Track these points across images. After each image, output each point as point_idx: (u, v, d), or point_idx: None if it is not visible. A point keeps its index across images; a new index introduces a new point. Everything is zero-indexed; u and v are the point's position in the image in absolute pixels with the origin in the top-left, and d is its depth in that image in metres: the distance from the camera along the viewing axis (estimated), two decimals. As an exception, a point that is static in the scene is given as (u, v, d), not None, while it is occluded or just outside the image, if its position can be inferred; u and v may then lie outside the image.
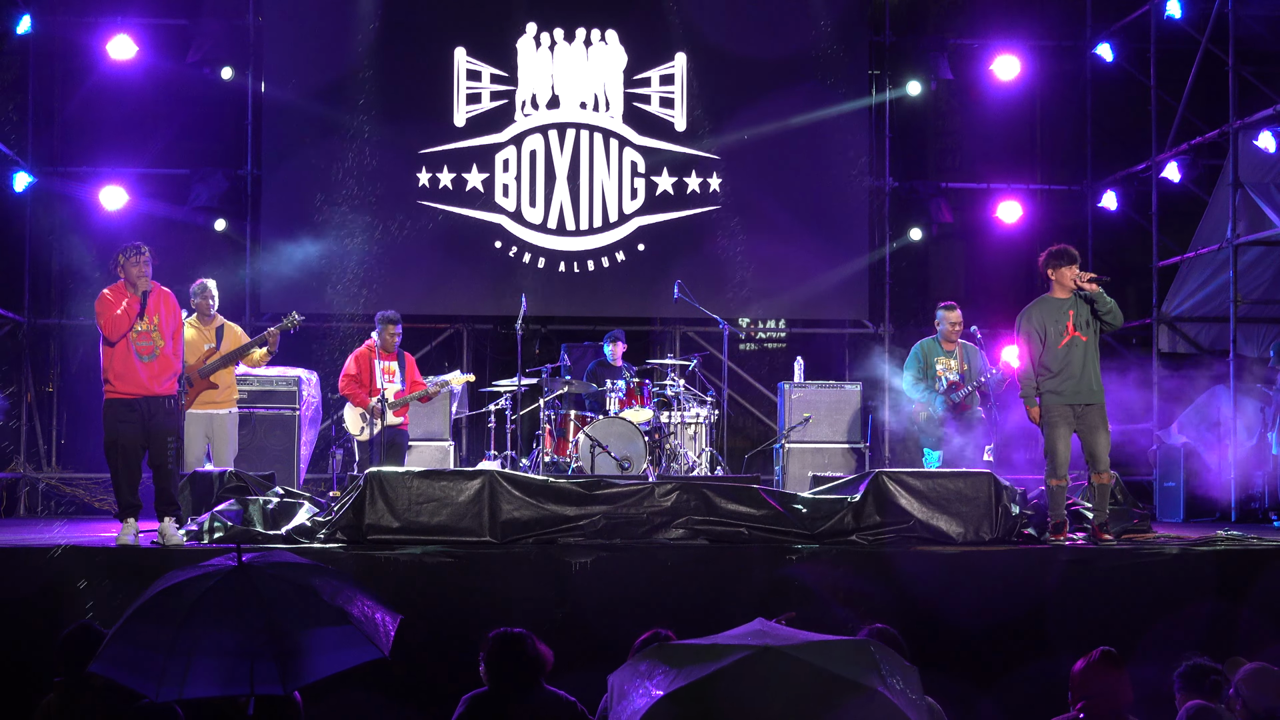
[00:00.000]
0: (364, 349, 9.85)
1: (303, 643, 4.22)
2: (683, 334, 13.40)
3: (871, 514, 7.89)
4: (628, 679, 3.49)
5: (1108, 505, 8.25)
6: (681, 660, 3.40)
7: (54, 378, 12.74)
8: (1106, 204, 13.44)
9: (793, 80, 13.13)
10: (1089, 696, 4.80)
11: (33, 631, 6.54)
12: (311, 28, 12.99)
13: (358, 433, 9.74)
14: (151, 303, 7.71)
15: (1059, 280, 8.22)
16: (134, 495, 7.65)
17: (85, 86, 12.89)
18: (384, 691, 5.38)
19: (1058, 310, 8.20)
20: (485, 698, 4.79)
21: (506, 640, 4.83)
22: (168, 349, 7.69)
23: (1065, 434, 8.14)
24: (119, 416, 7.60)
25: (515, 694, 4.75)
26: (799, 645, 3.44)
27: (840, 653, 3.44)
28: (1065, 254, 8.24)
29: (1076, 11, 13.83)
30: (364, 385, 9.68)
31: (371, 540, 7.51)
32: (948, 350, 9.68)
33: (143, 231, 12.58)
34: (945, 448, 9.53)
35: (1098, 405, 8.17)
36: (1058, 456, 8.12)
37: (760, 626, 3.62)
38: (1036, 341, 8.22)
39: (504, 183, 13.04)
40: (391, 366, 9.78)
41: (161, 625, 4.20)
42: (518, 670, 4.76)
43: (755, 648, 3.39)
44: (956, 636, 7.08)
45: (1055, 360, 8.14)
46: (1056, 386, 8.13)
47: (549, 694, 4.83)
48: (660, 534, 7.69)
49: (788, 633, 3.58)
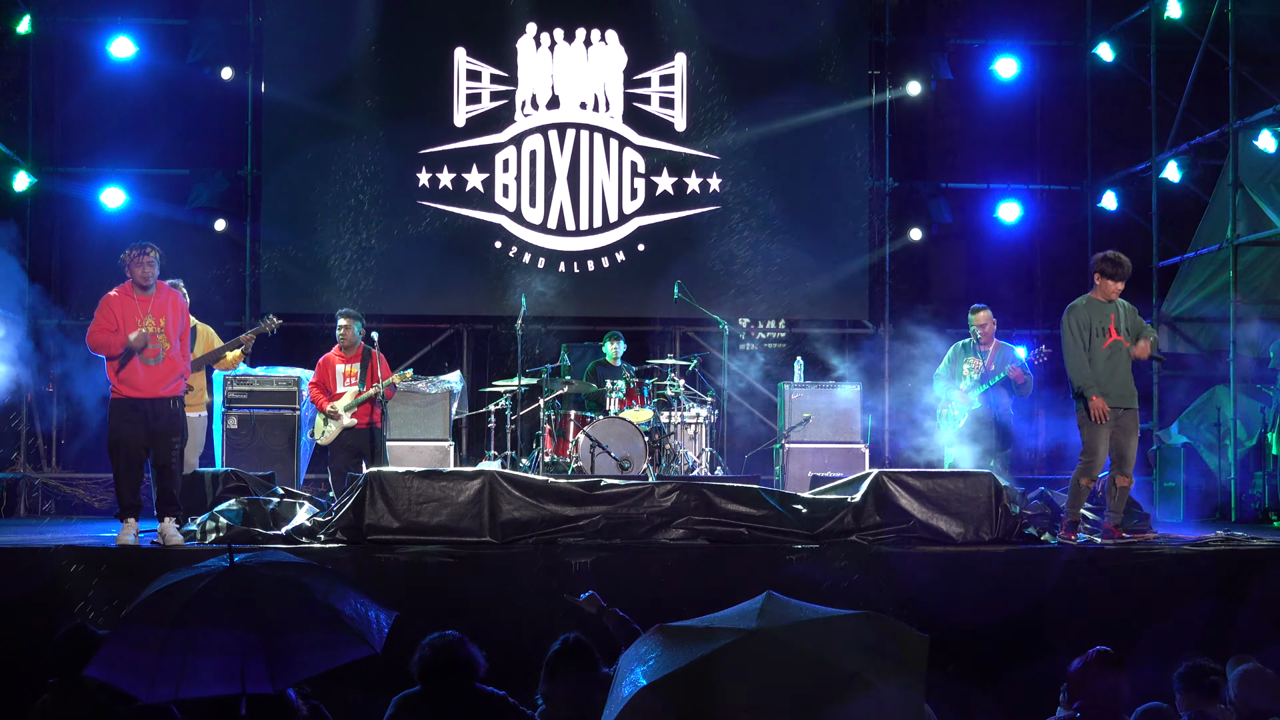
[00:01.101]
0: (331, 352, 9.79)
1: (293, 641, 4.22)
2: (683, 334, 13.40)
3: (871, 514, 7.89)
4: (626, 660, 3.41)
5: (1123, 506, 8.28)
6: (674, 644, 3.30)
7: (54, 378, 12.73)
8: (1106, 204, 13.44)
9: (793, 80, 13.12)
10: (1086, 696, 4.80)
11: (31, 631, 6.54)
12: (311, 28, 12.98)
13: (319, 437, 9.70)
14: (158, 304, 7.69)
15: (1103, 288, 8.20)
16: (135, 496, 7.65)
17: (85, 86, 12.88)
18: (383, 691, 5.36)
19: (1102, 313, 8.21)
20: (415, 697, 4.77)
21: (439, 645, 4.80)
22: (174, 351, 7.67)
23: (1107, 434, 8.14)
24: (123, 416, 7.60)
25: (446, 694, 4.73)
26: (793, 626, 3.30)
27: (839, 633, 3.31)
28: (1117, 265, 8.21)
29: (1076, 11, 13.83)
30: (325, 390, 9.63)
31: (371, 540, 7.52)
32: (981, 350, 9.66)
33: (143, 231, 12.55)
34: (963, 448, 9.46)
35: (1134, 410, 8.23)
36: (1097, 456, 8.14)
37: (763, 603, 3.43)
38: (1082, 338, 8.21)
39: (504, 183, 13.04)
40: (353, 369, 9.61)
41: (155, 626, 4.20)
42: (449, 672, 4.74)
43: (745, 631, 3.26)
44: (956, 636, 7.07)
45: (1098, 360, 8.15)
46: (1104, 387, 8.13)
47: (480, 692, 4.81)
48: (660, 534, 7.69)
49: (789, 611, 3.41)
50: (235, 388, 10.26)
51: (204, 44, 12.54)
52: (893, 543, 7.76)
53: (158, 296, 7.72)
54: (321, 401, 9.57)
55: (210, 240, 12.85)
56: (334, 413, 9.41)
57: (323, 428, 9.59)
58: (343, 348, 9.69)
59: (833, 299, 13.33)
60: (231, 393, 10.24)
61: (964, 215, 13.84)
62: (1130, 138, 13.54)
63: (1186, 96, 12.27)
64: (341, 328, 9.66)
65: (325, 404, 9.53)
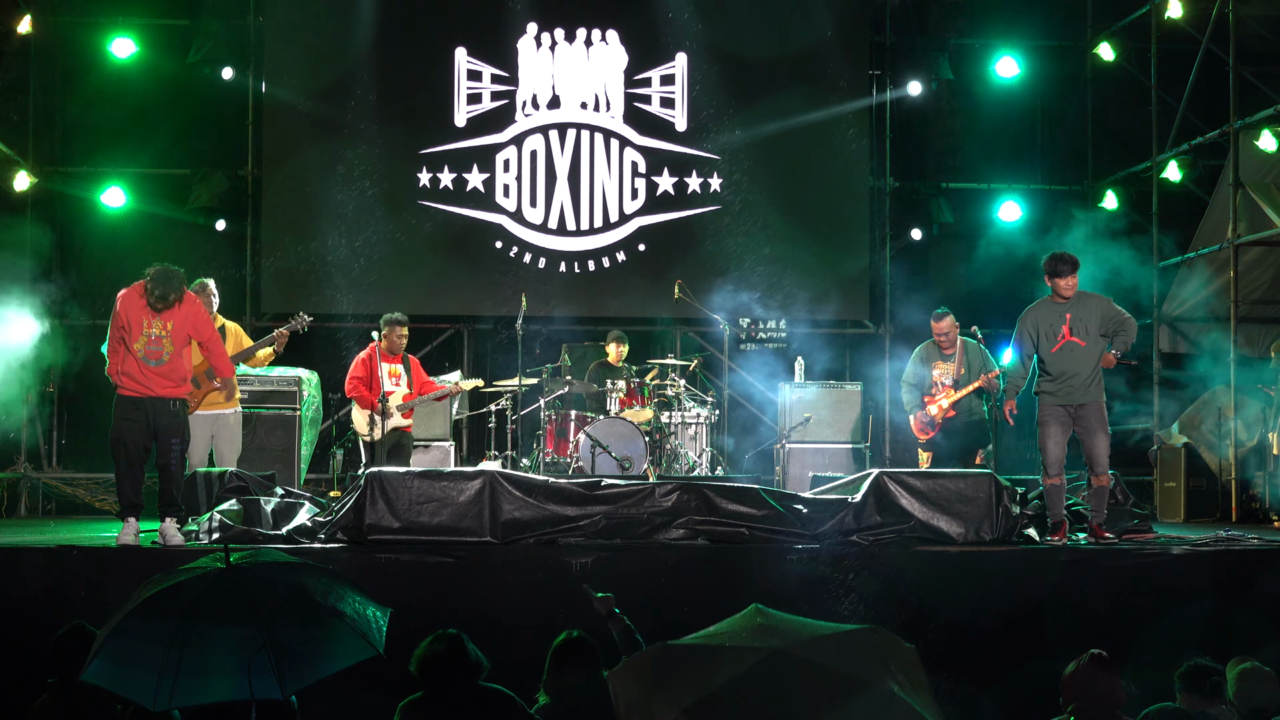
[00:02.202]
0: (368, 351, 9.80)
1: (299, 646, 4.20)
2: (683, 334, 13.40)
3: (872, 514, 7.88)
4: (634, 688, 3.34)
5: (1106, 505, 8.25)
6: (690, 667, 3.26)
7: (54, 378, 12.73)
8: (1107, 204, 13.44)
9: (793, 80, 13.13)
10: (1080, 699, 4.79)
11: (31, 631, 6.53)
12: (311, 27, 13.00)
13: (366, 433, 9.71)
14: (167, 311, 7.65)
15: (1054, 286, 8.20)
16: (137, 495, 7.64)
17: (86, 86, 12.90)
18: (383, 691, 5.37)
19: (1054, 314, 8.19)
20: (420, 702, 4.71)
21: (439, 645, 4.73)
22: (176, 356, 7.65)
23: (1056, 434, 8.15)
24: (125, 414, 7.59)
25: (451, 694, 4.68)
26: (807, 643, 3.29)
27: (849, 648, 3.30)
28: (1060, 261, 8.18)
29: (1077, 11, 13.84)
30: (370, 387, 9.65)
31: (372, 540, 7.51)
32: (947, 354, 9.65)
33: (143, 231, 12.62)
34: (935, 449, 9.54)
35: (1092, 405, 8.11)
36: (1048, 455, 8.15)
37: (761, 619, 3.44)
38: (1029, 343, 8.25)
39: (504, 183, 13.04)
40: (396, 369, 9.72)
41: (153, 636, 4.15)
42: (453, 672, 4.69)
43: (764, 651, 3.23)
44: (956, 637, 7.08)
45: (1049, 362, 8.17)
46: (1049, 387, 8.16)
47: (485, 690, 4.77)
48: (660, 534, 7.69)
49: (791, 626, 3.42)
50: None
51: (204, 44, 12.54)
52: (893, 543, 7.75)
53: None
54: (370, 400, 9.56)
55: (210, 240, 12.86)
56: (389, 411, 9.43)
57: (367, 425, 9.60)
58: (390, 350, 9.74)
59: (833, 299, 13.33)
60: (232, 392, 10.23)
61: (964, 215, 13.84)
62: (1130, 138, 13.55)
63: (1187, 96, 12.28)
64: (400, 334, 9.74)
65: (375, 403, 9.48)
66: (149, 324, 7.57)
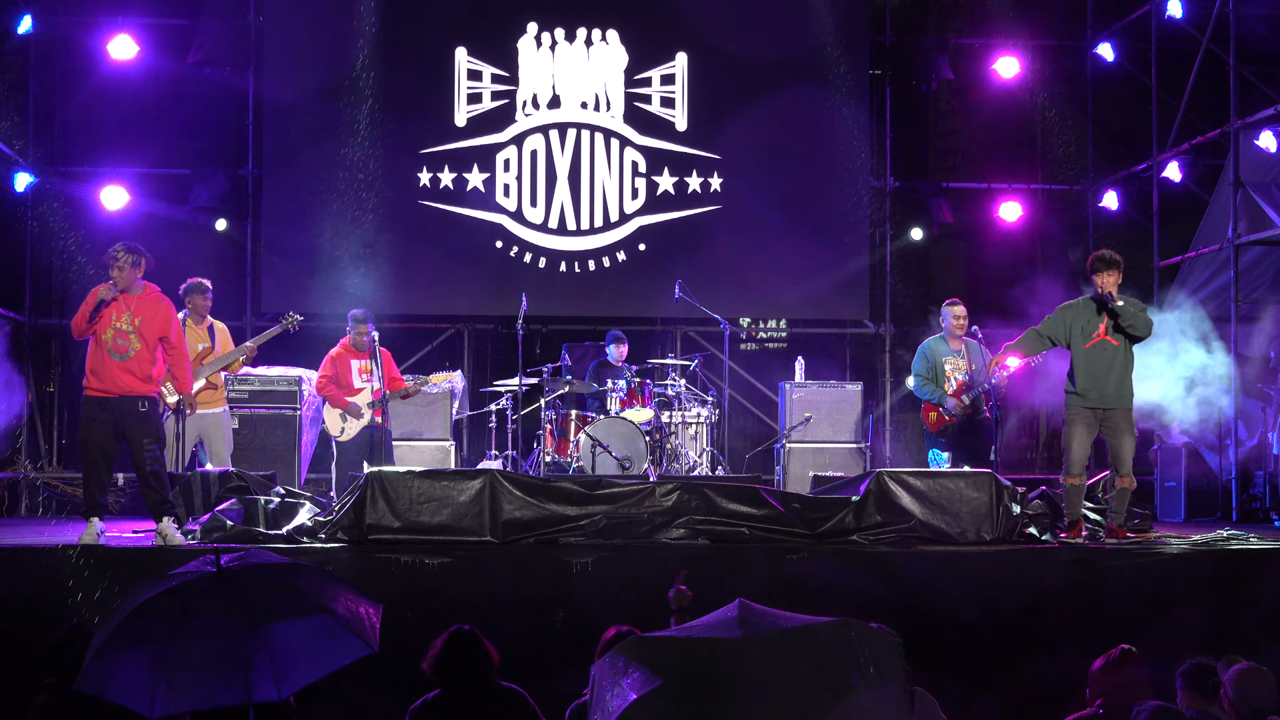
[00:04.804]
0: (338, 349, 9.82)
1: (293, 646, 4.20)
2: (683, 334, 13.40)
3: (872, 514, 7.88)
4: (606, 675, 3.38)
5: (1125, 507, 8.27)
6: (658, 656, 3.28)
7: (54, 378, 12.74)
8: (1107, 204, 13.43)
9: (793, 80, 13.12)
10: (1109, 694, 4.80)
11: (31, 631, 6.53)
12: (311, 27, 12.99)
13: (338, 433, 9.72)
14: (139, 304, 7.64)
15: (1102, 284, 8.19)
16: (101, 495, 7.63)
17: (86, 86, 12.88)
18: (382, 691, 5.38)
19: (1093, 312, 8.21)
20: (434, 703, 4.67)
21: (456, 643, 4.69)
22: (144, 352, 7.62)
23: (1082, 434, 8.16)
24: (91, 415, 7.58)
25: (468, 694, 4.66)
26: (778, 634, 3.31)
27: (815, 639, 3.32)
28: (1101, 260, 8.20)
29: (1077, 11, 13.83)
30: (341, 385, 9.66)
31: (372, 540, 7.52)
32: (955, 350, 9.64)
33: (143, 232, 12.57)
34: (954, 450, 9.49)
35: (1121, 409, 8.19)
36: (1072, 455, 8.17)
37: (739, 612, 3.46)
38: (1059, 333, 8.27)
39: (505, 182, 13.04)
40: (367, 365, 9.68)
41: (148, 641, 4.14)
42: (469, 669, 4.66)
43: (731, 641, 3.26)
44: (957, 636, 7.08)
45: (1079, 361, 8.16)
46: (1078, 388, 8.15)
47: (499, 688, 4.75)
48: (661, 534, 7.69)
49: (767, 618, 3.44)
50: (236, 387, 10.26)
51: (204, 44, 12.53)
52: (894, 542, 7.76)
53: (142, 297, 7.68)
54: (340, 398, 9.57)
55: (210, 240, 12.86)
56: (357, 410, 9.44)
57: (341, 424, 9.62)
58: (357, 346, 9.72)
59: (833, 299, 13.33)
60: (232, 392, 10.24)
61: (965, 215, 13.83)
62: (1130, 137, 13.54)
63: (1187, 96, 12.27)
64: (364, 331, 9.68)
65: (345, 401, 9.53)
66: (116, 317, 7.57)
